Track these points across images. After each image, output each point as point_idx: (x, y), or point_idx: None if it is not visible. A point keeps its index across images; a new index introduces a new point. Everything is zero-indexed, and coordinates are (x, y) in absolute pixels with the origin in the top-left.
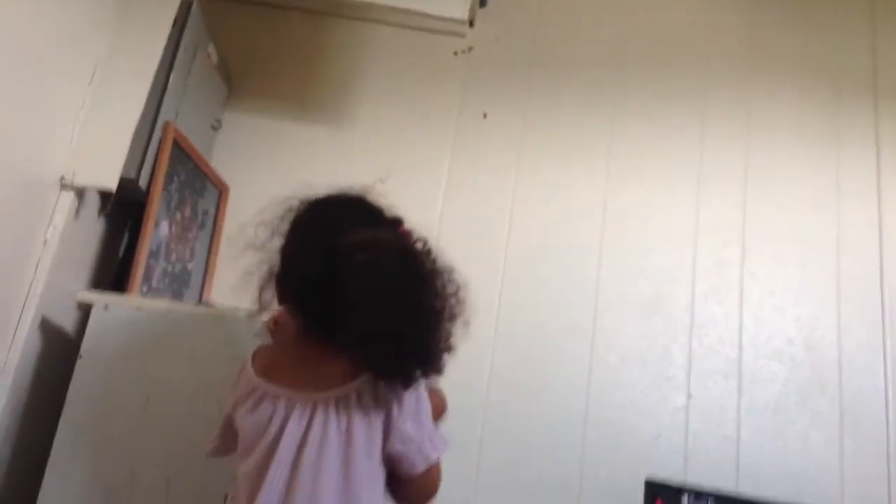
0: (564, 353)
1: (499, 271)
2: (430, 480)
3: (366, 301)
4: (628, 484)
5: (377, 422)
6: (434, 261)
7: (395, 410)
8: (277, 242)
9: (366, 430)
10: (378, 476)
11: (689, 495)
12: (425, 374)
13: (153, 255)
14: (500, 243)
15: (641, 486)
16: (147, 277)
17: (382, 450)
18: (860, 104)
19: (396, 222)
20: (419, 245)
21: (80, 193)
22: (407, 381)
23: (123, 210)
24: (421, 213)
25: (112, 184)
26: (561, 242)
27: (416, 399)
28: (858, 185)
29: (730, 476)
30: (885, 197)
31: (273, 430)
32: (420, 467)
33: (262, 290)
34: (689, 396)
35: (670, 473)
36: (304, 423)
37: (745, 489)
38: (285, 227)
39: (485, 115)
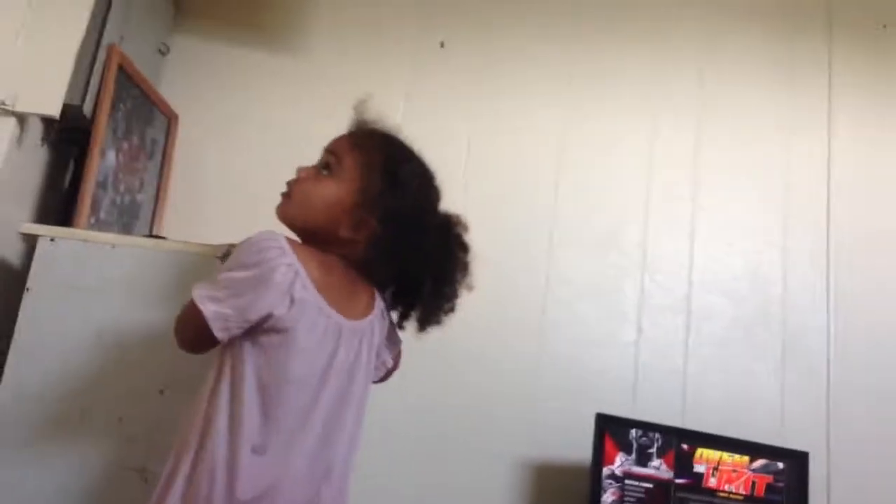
0: (520, 288)
1: (455, 206)
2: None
3: (442, 267)
4: (580, 418)
5: (373, 350)
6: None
7: (384, 339)
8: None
9: (372, 356)
10: None
11: (636, 429)
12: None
13: (100, 185)
14: (458, 176)
15: (593, 419)
16: (95, 209)
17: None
18: (814, 39)
19: None
20: None
21: (22, 120)
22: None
23: (68, 139)
24: None
25: (55, 110)
26: (518, 177)
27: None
28: (809, 120)
29: (676, 409)
30: (835, 131)
31: (325, 352)
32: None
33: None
34: (640, 331)
35: (620, 407)
36: (352, 353)
37: (691, 422)
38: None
39: (442, 45)
